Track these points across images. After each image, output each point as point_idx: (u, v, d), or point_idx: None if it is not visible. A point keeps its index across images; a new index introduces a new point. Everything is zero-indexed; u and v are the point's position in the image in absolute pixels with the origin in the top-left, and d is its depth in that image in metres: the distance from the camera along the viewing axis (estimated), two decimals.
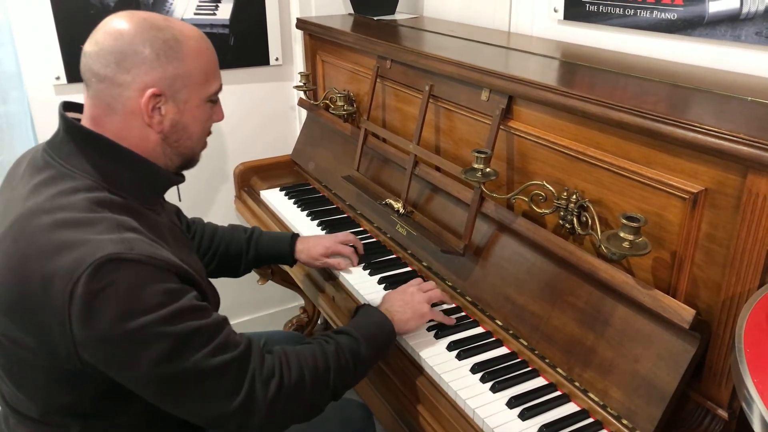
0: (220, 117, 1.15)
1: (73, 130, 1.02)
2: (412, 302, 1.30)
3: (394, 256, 1.62)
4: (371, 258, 1.60)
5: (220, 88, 1.11)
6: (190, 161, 1.15)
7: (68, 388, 0.98)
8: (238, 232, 1.54)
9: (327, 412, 1.31)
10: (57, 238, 0.91)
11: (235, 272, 1.56)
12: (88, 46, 1.01)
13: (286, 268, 1.76)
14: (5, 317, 0.94)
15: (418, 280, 1.40)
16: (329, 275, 1.60)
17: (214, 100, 1.11)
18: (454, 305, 1.41)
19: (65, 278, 0.88)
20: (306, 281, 1.66)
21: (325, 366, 1.08)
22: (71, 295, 0.87)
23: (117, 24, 1.01)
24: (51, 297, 0.89)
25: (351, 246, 1.59)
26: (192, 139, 1.10)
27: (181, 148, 1.09)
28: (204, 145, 1.16)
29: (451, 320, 1.34)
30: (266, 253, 1.55)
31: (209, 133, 1.15)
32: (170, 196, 1.20)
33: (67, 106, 1.08)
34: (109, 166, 1.02)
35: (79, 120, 1.05)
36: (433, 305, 1.35)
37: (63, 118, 1.03)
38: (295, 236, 1.58)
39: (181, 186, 1.20)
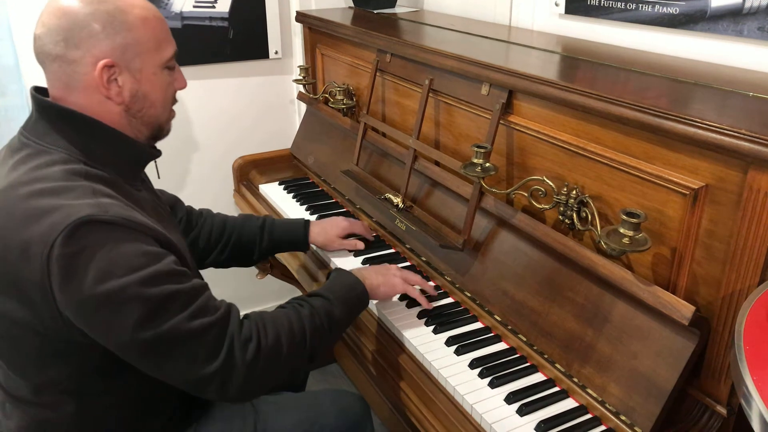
0: (182, 84, 1.16)
1: (45, 108, 1.03)
2: (386, 273, 1.33)
3: (392, 250, 1.62)
4: (370, 252, 1.60)
5: (174, 54, 1.11)
6: (159, 131, 1.15)
7: (59, 362, 1.00)
8: (250, 221, 1.53)
9: (325, 404, 1.34)
10: (33, 205, 0.93)
11: (249, 261, 1.56)
12: (37, 29, 1.02)
13: (284, 259, 1.76)
14: None
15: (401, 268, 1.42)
16: (323, 264, 1.61)
17: (170, 67, 1.11)
18: (452, 300, 1.41)
19: (41, 243, 0.89)
20: (301, 271, 1.66)
21: (301, 328, 1.09)
22: (48, 258, 0.89)
23: (61, 2, 1.01)
24: (30, 263, 0.90)
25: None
26: (155, 107, 1.10)
27: (145, 117, 1.09)
28: (171, 113, 1.16)
29: (428, 304, 1.35)
30: (280, 240, 1.54)
31: (174, 101, 1.15)
32: (149, 173, 1.20)
33: (39, 91, 1.08)
34: (84, 141, 1.03)
35: None
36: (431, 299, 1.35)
37: (34, 99, 1.04)
38: (308, 222, 1.58)
39: (178, 179, 1.21)
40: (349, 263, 1.55)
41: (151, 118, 1.10)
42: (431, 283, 1.44)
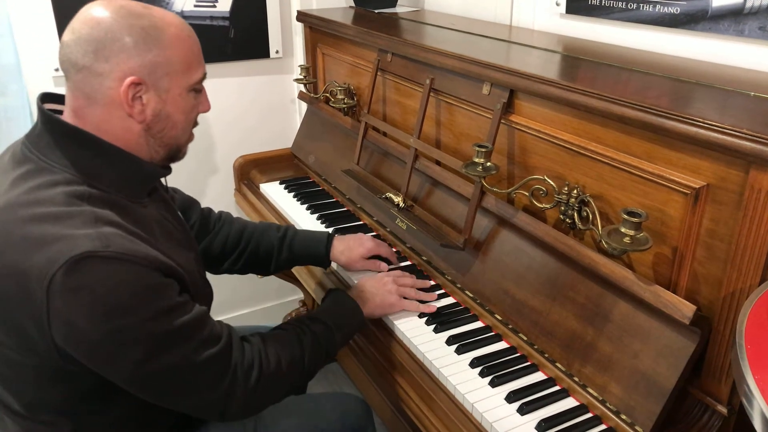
0: (206, 107, 1.12)
1: (50, 123, 0.99)
2: (382, 292, 1.33)
3: (393, 249, 1.61)
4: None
5: (203, 77, 1.08)
6: (176, 153, 1.11)
7: (56, 386, 0.98)
8: (270, 231, 1.48)
9: (327, 408, 1.34)
10: (32, 232, 0.89)
11: (266, 271, 1.52)
12: (66, 36, 0.99)
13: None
14: None
15: (398, 272, 1.43)
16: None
17: (197, 90, 1.08)
18: (452, 299, 1.41)
19: (40, 276, 0.86)
20: (307, 279, 1.65)
21: (301, 355, 1.12)
22: (47, 292, 0.86)
23: (95, 12, 0.98)
24: (27, 294, 0.87)
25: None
26: (176, 129, 1.06)
27: (165, 138, 1.06)
28: (190, 136, 1.13)
29: (430, 308, 1.36)
30: (300, 255, 1.49)
31: (195, 124, 1.13)
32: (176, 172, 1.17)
33: (48, 98, 1.06)
34: (88, 160, 0.99)
35: (61, 112, 1.03)
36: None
37: (41, 111, 1.00)
38: (331, 236, 1.50)
39: (181, 178, 1.18)
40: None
41: (170, 140, 1.07)
42: (430, 282, 1.44)
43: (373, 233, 1.70)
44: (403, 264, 1.55)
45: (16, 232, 0.90)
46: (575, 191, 1.19)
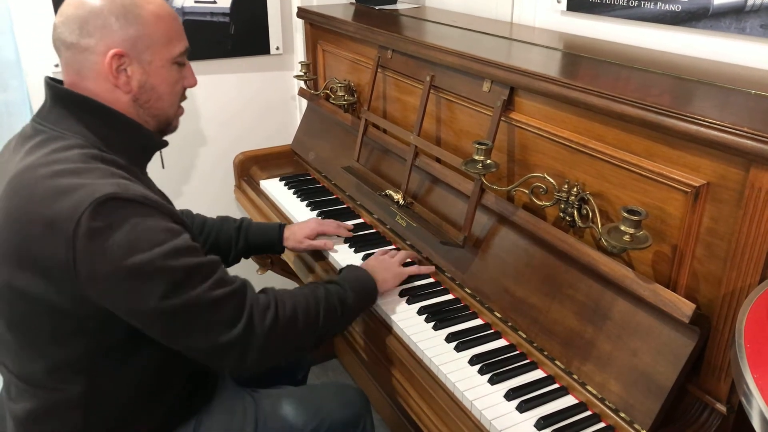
0: (192, 81, 1.20)
1: (61, 95, 1.07)
2: (389, 265, 1.42)
3: (393, 247, 1.61)
4: (370, 248, 1.60)
5: (185, 51, 1.15)
6: (166, 125, 1.19)
7: (73, 341, 1.02)
8: (228, 223, 1.56)
9: (325, 397, 1.36)
10: (55, 184, 0.96)
11: (225, 262, 1.56)
12: (56, 18, 1.07)
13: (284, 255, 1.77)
14: (11, 265, 0.98)
15: (385, 249, 1.51)
16: (319, 255, 1.62)
17: (180, 63, 1.15)
18: (452, 296, 1.41)
19: (67, 219, 0.92)
20: (297, 262, 1.67)
21: (316, 307, 1.16)
22: (74, 234, 0.92)
23: None
24: (54, 239, 0.93)
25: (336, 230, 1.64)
26: (163, 100, 1.14)
27: (152, 109, 1.13)
28: (178, 110, 1.20)
29: (429, 268, 1.47)
30: (255, 242, 1.57)
31: (183, 97, 1.19)
32: (154, 164, 1.22)
33: (52, 81, 1.11)
34: (98, 127, 1.07)
35: None
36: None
37: (50, 86, 1.08)
38: (284, 225, 1.62)
39: (179, 174, 1.22)
40: (350, 258, 1.56)
41: (158, 110, 1.14)
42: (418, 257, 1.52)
43: (372, 230, 1.70)
44: None
45: (39, 186, 0.96)
46: (575, 189, 1.19)
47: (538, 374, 1.18)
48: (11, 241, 0.97)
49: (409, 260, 1.49)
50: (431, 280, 1.46)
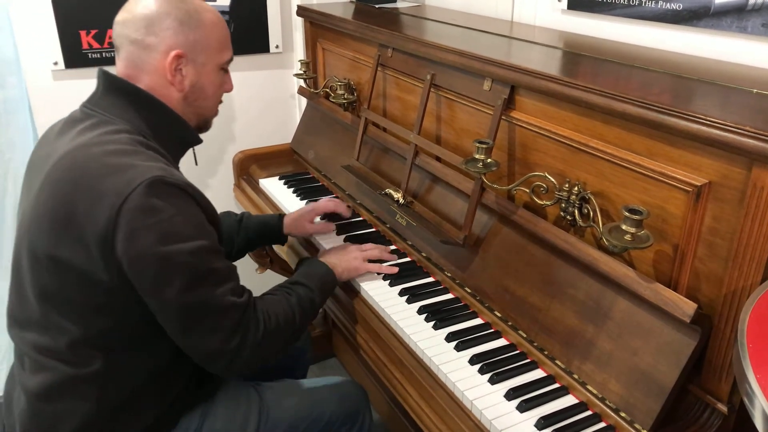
0: (230, 87, 1.30)
1: (114, 83, 1.15)
2: (347, 257, 1.45)
3: (393, 246, 1.61)
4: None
5: (231, 58, 1.26)
6: (205, 123, 1.29)
7: (100, 317, 1.07)
8: (228, 217, 1.59)
9: (325, 391, 1.41)
10: (108, 161, 1.03)
11: (228, 256, 1.56)
12: (120, 15, 1.16)
13: (277, 249, 1.78)
14: (56, 236, 1.03)
15: (368, 244, 1.52)
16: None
17: (225, 69, 1.26)
18: (452, 295, 1.40)
19: (115, 194, 0.99)
20: (290, 253, 1.68)
21: (293, 314, 1.22)
22: (119, 210, 0.98)
23: None
24: (99, 211, 0.99)
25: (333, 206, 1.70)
26: (208, 100, 1.24)
27: (198, 108, 1.23)
28: (216, 111, 1.29)
29: (391, 269, 1.46)
30: (257, 234, 1.60)
31: (221, 101, 1.29)
32: (187, 160, 1.29)
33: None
34: (146, 117, 1.15)
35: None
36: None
37: (104, 75, 1.16)
38: (282, 215, 1.65)
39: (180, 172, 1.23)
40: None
41: (202, 109, 1.24)
42: (392, 247, 1.54)
43: (372, 229, 1.70)
44: (401, 260, 1.54)
45: (93, 162, 1.03)
46: (576, 188, 1.19)
47: (538, 374, 1.18)
48: (60, 211, 1.02)
49: (377, 256, 1.49)
50: (431, 279, 1.46)
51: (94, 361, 1.09)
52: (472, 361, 1.20)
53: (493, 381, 1.15)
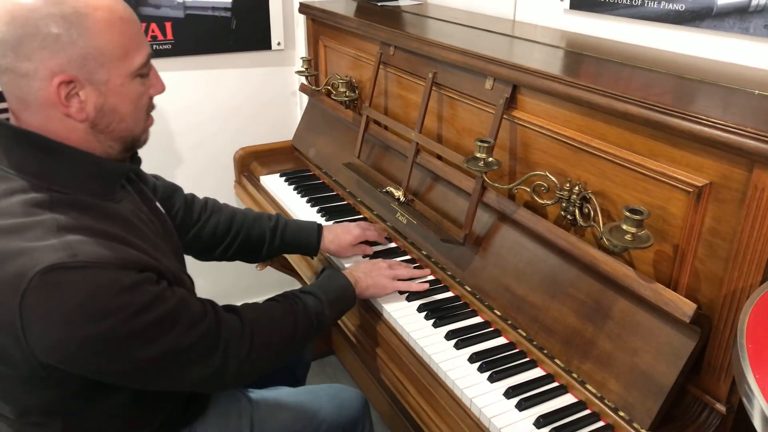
0: (159, 89, 1.02)
1: (2, 130, 0.93)
2: (376, 273, 1.36)
3: (393, 244, 1.61)
4: (370, 245, 1.59)
5: (147, 59, 0.97)
6: (134, 143, 1.02)
7: (43, 392, 0.96)
8: (262, 220, 1.48)
9: (322, 400, 1.34)
10: None
11: (255, 259, 1.54)
12: None
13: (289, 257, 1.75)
14: None
15: (395, 261, 1.46)
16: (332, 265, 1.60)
17: (143, 74, 0.97)
18: (452, 294, 1.40)
19: (9, 292, 0.83)
20: (301, 263, 1.66)
21: (294, 326, 1.13)
22: (20, 308, 0.83)
23: (9, 3, 0.86)
24: (1, 307, 0.84)
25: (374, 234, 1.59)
26: (126, 121, 0.97)
27: (115, 132, 0.97)
28: (146, 123, 1.03)
29: (421, 286, 1.39)
30: (291, 243, 1.50)
31: (150, 108, 1.03)
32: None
33: None
34: (44, 164, 0.92)
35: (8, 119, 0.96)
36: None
37: None
38: (321, 227, 1.53)
39: (178, 169, 1.17)
40: (351, 258, 1.55)
41: (122, 132, 0.98)
42: (429, 275, 1.46)
43: None
44: (402, 258, 1.54)
45: None
46: (577, 188, 1.19)
47: (537, 372, 1.18)
48: None
49: (406, 276, 1.42)
50: (431, 277, 1.46)
51: (51, 423, 0.99)
52: (472, 359, 1.20)
53: (492, 379, 1.15)
